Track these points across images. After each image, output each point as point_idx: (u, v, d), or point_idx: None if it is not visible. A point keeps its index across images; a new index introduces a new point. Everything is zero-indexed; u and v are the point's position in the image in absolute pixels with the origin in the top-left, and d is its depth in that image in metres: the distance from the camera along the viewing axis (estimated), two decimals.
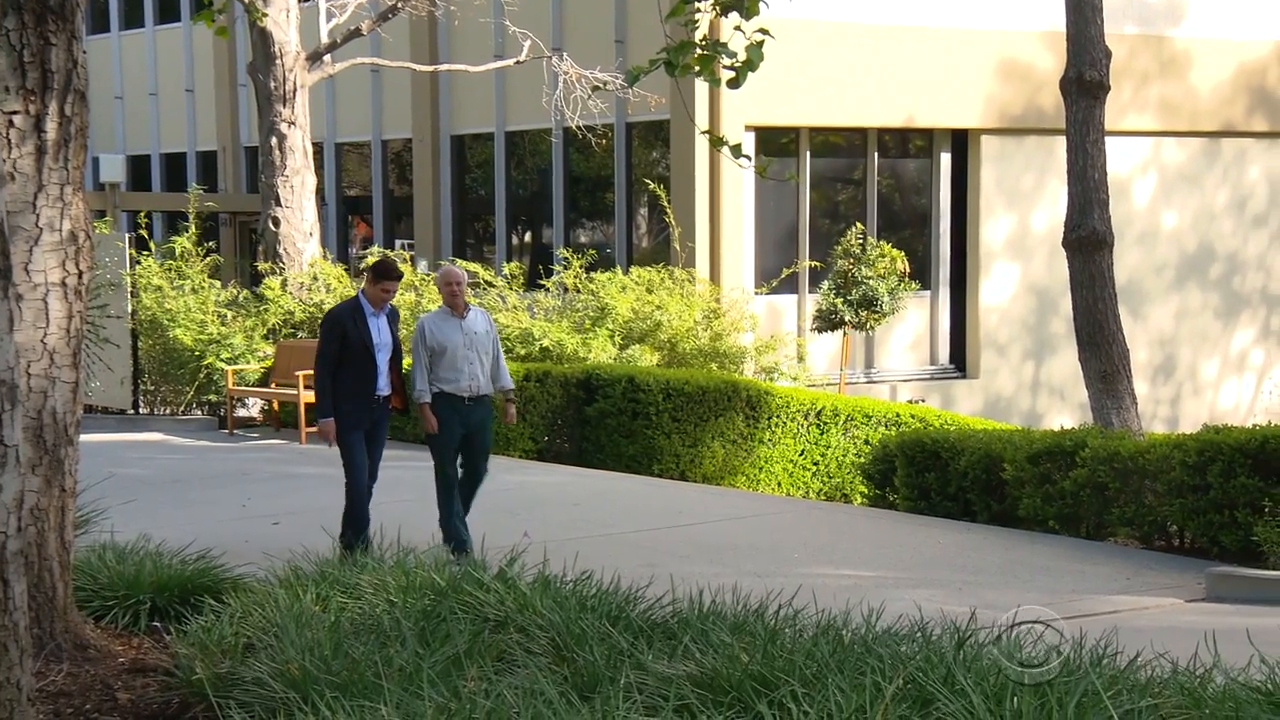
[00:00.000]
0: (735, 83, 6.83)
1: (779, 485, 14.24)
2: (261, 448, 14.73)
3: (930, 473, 11.68)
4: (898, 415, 15.07)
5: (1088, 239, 12.34)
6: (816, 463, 14.52)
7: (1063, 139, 12.83)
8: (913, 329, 20.90)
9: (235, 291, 17.35)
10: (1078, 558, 9.55)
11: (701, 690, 4.27)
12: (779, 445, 14.24)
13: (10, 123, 5.22)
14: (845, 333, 18.33)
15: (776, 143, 19.91)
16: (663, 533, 10.11)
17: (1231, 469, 9.33)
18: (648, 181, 19.42)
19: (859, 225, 18.61)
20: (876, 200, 20.69)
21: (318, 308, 16.80)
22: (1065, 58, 12.71)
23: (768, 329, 18.89)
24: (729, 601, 5.36)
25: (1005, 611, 5.71)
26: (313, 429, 15.05)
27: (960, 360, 21.27)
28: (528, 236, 23.37)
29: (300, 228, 17.77)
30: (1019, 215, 21.09)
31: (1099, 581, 8.81)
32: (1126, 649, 4.57)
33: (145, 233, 17.79)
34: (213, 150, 27.53)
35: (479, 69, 20.02)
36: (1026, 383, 21.37)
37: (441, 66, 21.21)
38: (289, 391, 15.20)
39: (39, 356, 5.35)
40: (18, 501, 3.96)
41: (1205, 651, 4.47)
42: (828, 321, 18.08)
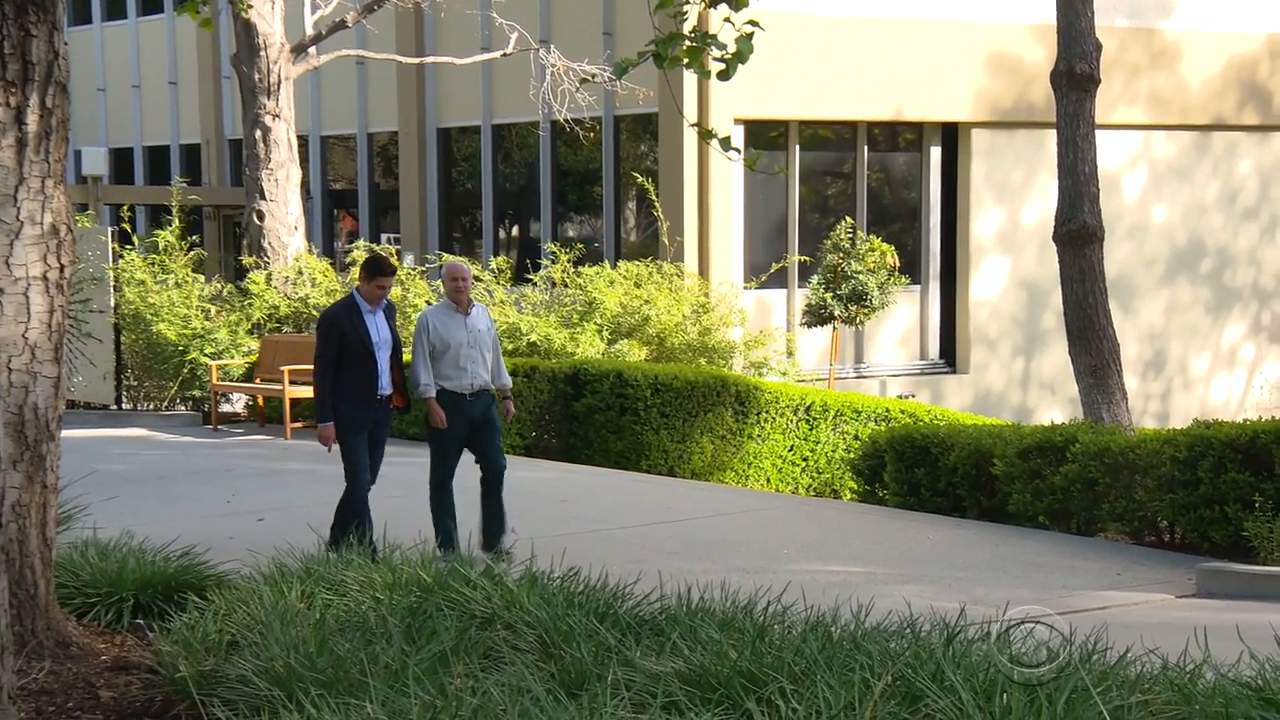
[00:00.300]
0: (724, 75, 6.82)
1: (768, 481, 14.26)
2: (246, 443, 14.70)
3: (920, 468, 11.70)
4: (887, 410, 15.10)
5: (1078, 233, 12.37)
6: (806, 458, 14.53)
7: (1053, 132, 12.86)
8: (902, 324, 20.93)
9: (219, 286, 17.31)
10: (1068, 553, 9.58)
11: (689, 687, 4.27)
12: (768, 441, 14.25)
13: None
14: (835, 327, 18.35)
15: (766, 136, 19.91)
16: (651, 529, 10.11)
17: (1222, 464, 9.36)
18: (636, 175, 19.41)
19: (848, 219, 18.62)
20: (866, 194, 20.71)
21: (303, 302, 16.77)
22: (1056, 51, 12.73)
23: (757, 324, 18.90)
24: (717, 598, 5.37)
25: (995, 608, 5.72)
26: (298, 425, 15.06)
27: (950, 355, 21.31)
28: (515, 230, 23.35)
29: (285, 221, 17.73)
30: (1009, 209, 21.12)
31: (1089, 577, 8.84)
32: (1116, 645, 4.58)
33: (128, 226, 17.74)
34: (196, 143, 27.45)
35: (465, 61, 19.99)
36: (1017, 378, 21.42)
37: (428, 59, 21.17)
38: (273, 387, 15.17)
39: (20, 351, 5.33)
40: None
41: (1195, 647, 4.48)
42: (817, 316, 18.09)
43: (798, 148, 20.22)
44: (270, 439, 14.90)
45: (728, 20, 7.01)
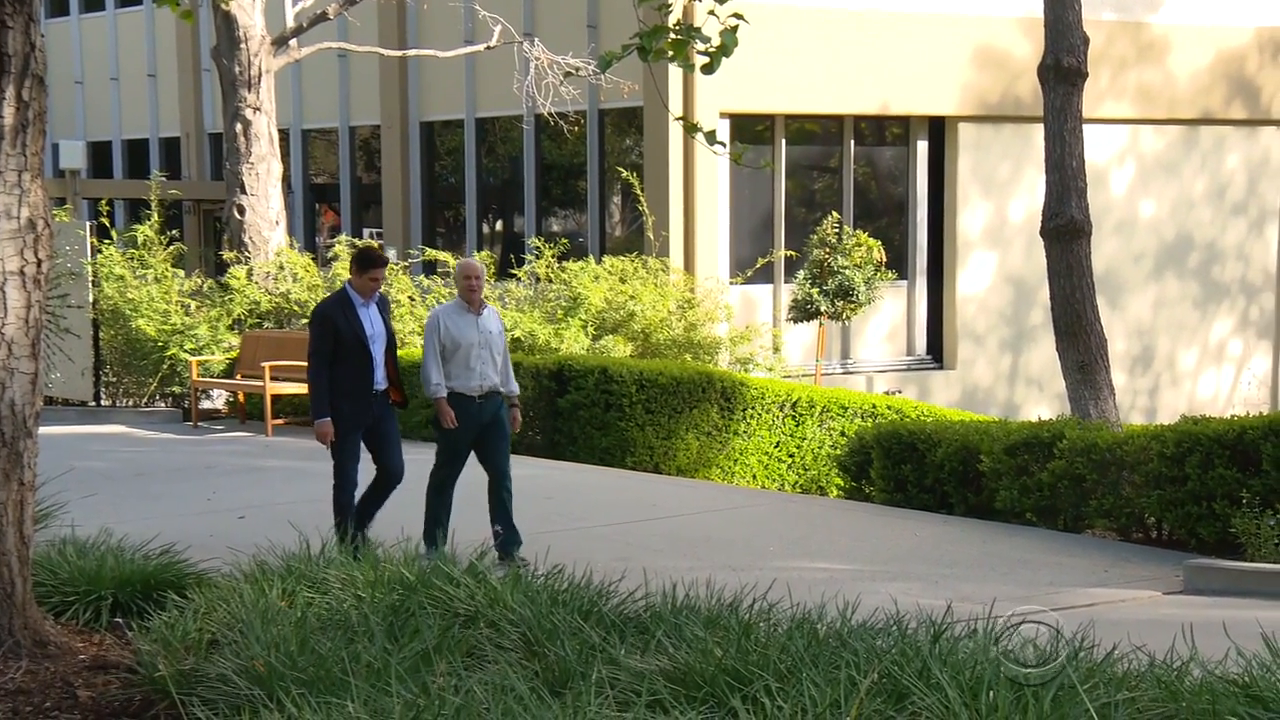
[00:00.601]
0: (709, 68, 6.83)
1: (754, 478, 14.27)
2: (227, 440, 14.67)
3: (906, 465, 11.72)
4: (874, 406, 15.12)
5: (1065, 228, 12.40)
6: (792, 455, 14.55)
7: (1040, 127, 12.88)
8: (889, 319, 20.96)
9: (199, 281, 17.25)
10: (1055, 550, 9.61)
11: (674, 685, 4.28)
12: (754, 437, 14.26)
13: None
14: (821, 323, 18.37)
15: (752, 130, 19.92)
16: (636, 526, 10.11)
17: (1209, 460, 9.40)
18: (621, 169, 19.41)
19: (835, 214, 18.64)
20: (853, 189, 20.73)
21: (284, 298, 16.73)
22: (1043, 44, 12.76)
23: (743, 319, 18.91)
24: (703, 595, 5.37)
25: (982, 605, 5.73)
26: (279, 421, 15.03)
27: (937, 351, 21.35)
28: (499, 225, 23.32)
29: (266, 216, 17.68)
30: (996, 204, 21.17)
31: (1076, 574, 8.87)
32: (1104, 642, 4.60)
33: (107, 221, 17.66)
34: (176, 136, 27.35)
35: (449, 54, 19.95)
36: (1004, 373, 21.47)
37: (410, 51, 21.12)
38: (254, 383, 15.13)
39: None
40: None
41: (1183, 644, 4.50)
42: (803, 312, 18.11)
43: (784, 142, 20.23)
44: (251, 436, 14.86)
45: (712, 13, 7.01)
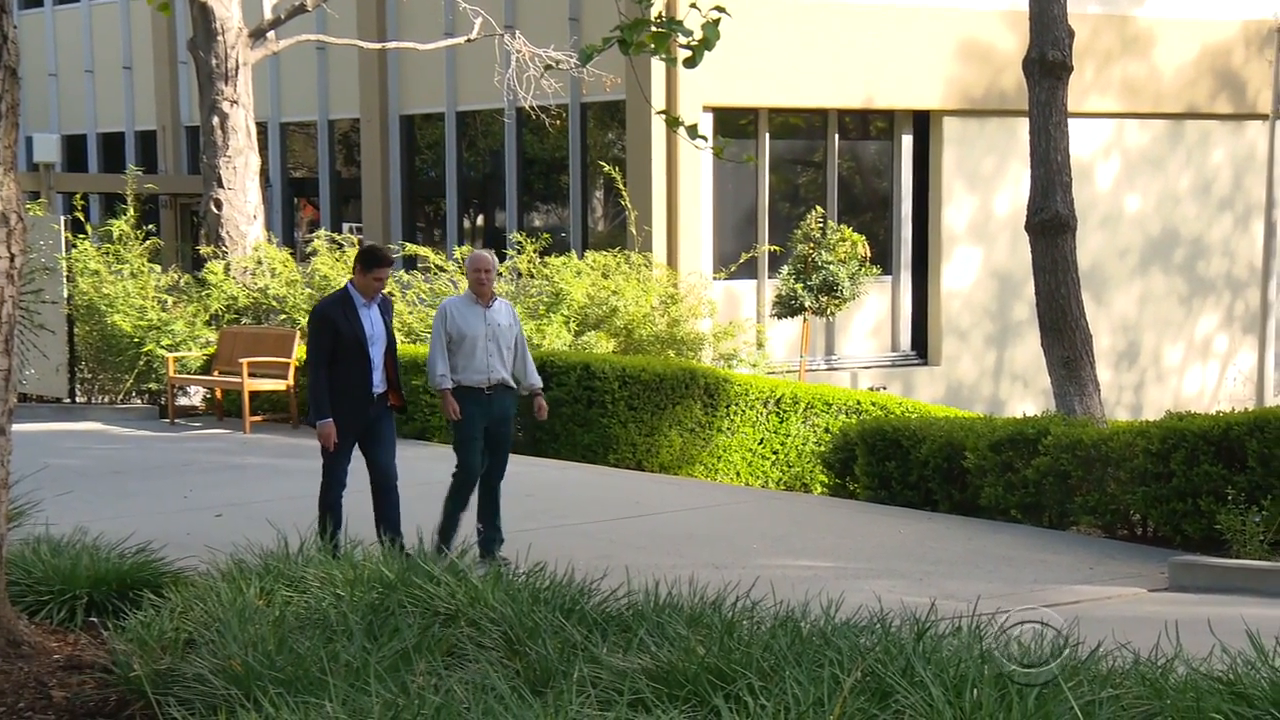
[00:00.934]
0: (691, 62, 6.82)
1: (737, 475, 14.29)
2: (204, 437, 14.62)
3: (891, 461, 11.75)
4: (858, 403, 15.15)
5: (1050, 222, 12.43)
6: (776, 452, 14.57)
7: (1025, 121, 12.92)
8: (874, 315, 21.00)
9: (176, 276, 17.18)
10: (1040, 547, 9.64)
11: (656, 684, 4.28)
12: (737, 434, 14.28)
13: None
14: (805, 319, 18.39)
15: (735, 124, 19.93)
16: (618, 523, 10.12)
17: (1195, 456, 9.44)
18: (603, 164, 19.39)
19: (819, 209, 18.66)
20: (837, 183, 20.76)
21: (262, 293, 16.68)
22: (1028, 38, 12.79)
23: (726, 315, 18.92)
24: (685, 593, 5.37)
25: (966, 602, 5.75)
26: (257, 418, 14.98)
27: (922, 346, 21.40)
28: (480, 220, 23.29)
29: (244, 210, 17.62)
30: (981, 198, 21.22)
31: (1061, 571, 8.90)
32: (1088, 639, 4.61)
33: (81, 215, 17.59)
34: (152, 130, 27.24)
35: (429, 47, 19.90)
36: (989, 369, 21.53)
37: (390, 44, 21.07)
38: (232, 379, 15.09)
39: None
40: None
41: (1167, 642, 4.52)
42: (787, 307, 18.13)
43: (768, 136, 20.25)
44: (229, 433, 14.82)
45: (694, 6, 7.01)
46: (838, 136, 20.76)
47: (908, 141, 21.05)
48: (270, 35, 18.47)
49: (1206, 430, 9.47)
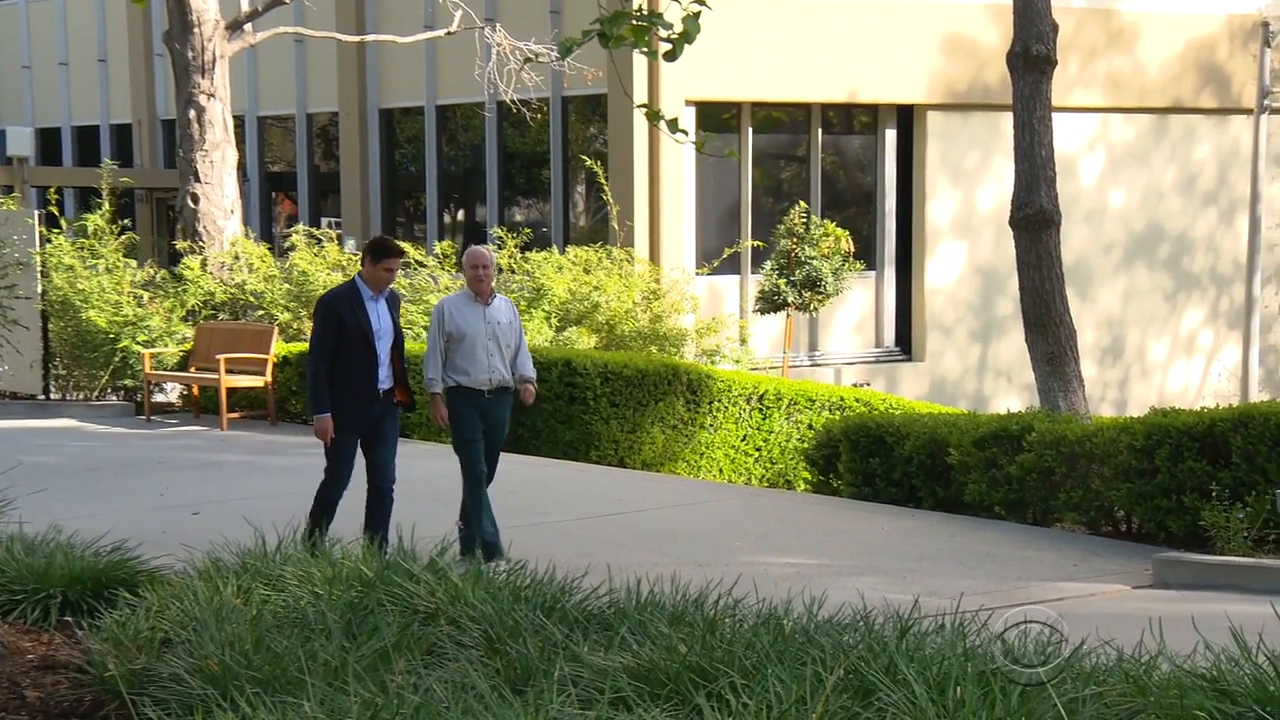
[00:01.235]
0: (671, 55, 6.81)
1: (720, 472, 14.30)
2: (180, 434, 14.58)
3: (875, 458, 11.77)
4: (842, 399, 15.17)
5: (1034, 218, 12.46)
6: (759, 448, 14.58)
7: (1009, 115, 12.95)
8: (857, 310, 21.03)
9: (152, 271, 17.12)
10: (1024, 544, 9.67)
11: (638, 682, 4.28)
12: (720, 430, 14.29)
13: None
14: (788, 314, 18.41)
15: (718, 118, 19.93)
16: (600, 521, 10.12)
17: (1179, 453, 9.48)
18: (585, 158, 19.38)
19: (802, 204, 18.68)
20: (820, 178, 20.78)
21: (239, 288, 16.63)
22: (1012, 31, 12.82)
23: (709, 310, 18.93)
24: (667, 591, 5.38)
25: (950, 599, 5.77)
26: (235, 415, 14.94)
27: (906, 342, 21.44)
28: (460, 214, 23.25)
29: (221, 205, 17.56)
30: (965, 193, 21.27)
31: (1045, 568, 8.93)
32: (1072, 637, 4.63)
33: (56, 209, 17.49)
34: (127, 123, 27.12)
35: (408, 40, 19.86)
36: (973, 365, 21.59)
37: (369, 37, 21.01)
38: (209, 376, 15.04)
39: None
40: None
41: (1151, 639, 4.54)
42: (770, 303, 18.14)
43: (750, 130, 20.25)
44: (206, 430, 14.78)
45: None
46: (821, 131, 20.78)
47: (891, 136, 21.08)
48: (247, 28, 18.40)
49: (1191, 426, 9.51)
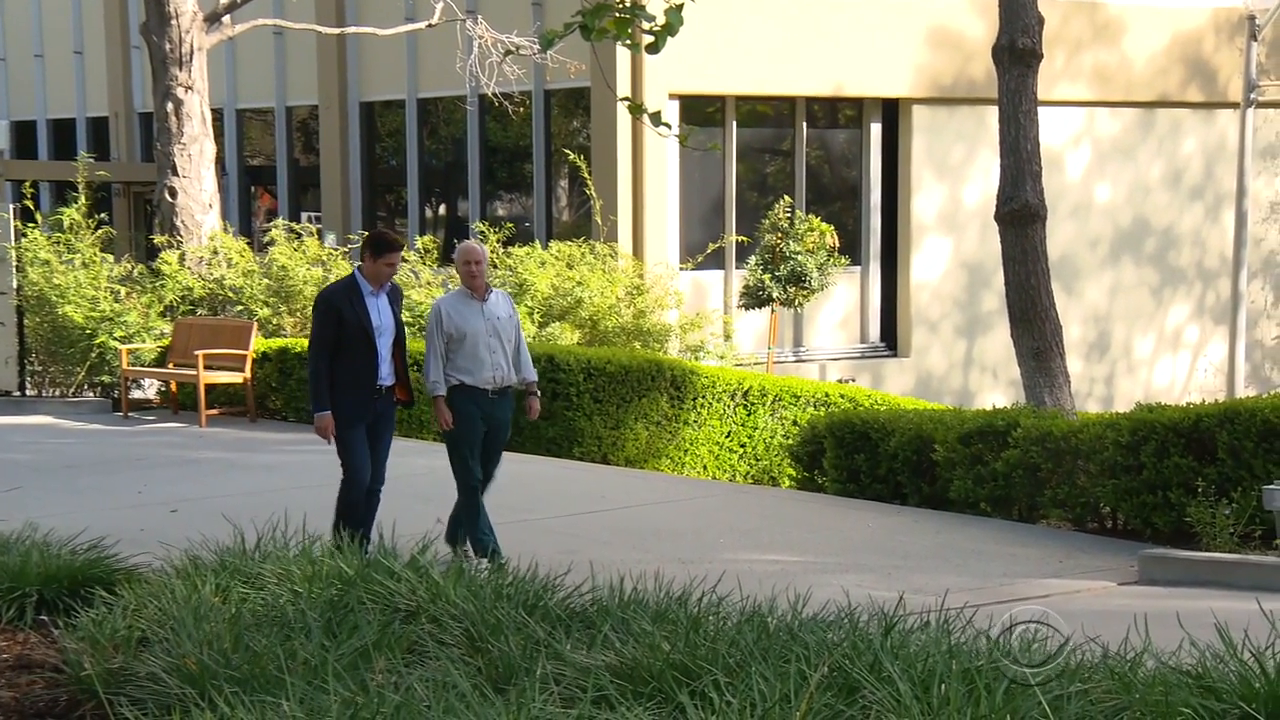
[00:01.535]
0: (654, 48, 6.81)
1: (704, 468, 14.31)
2: (158, 431, 14.53)
3: (860, 454, 11.79)
4: (827, 395, 15.20)
5: (1020, 212, 12.49)
6: (743, 445, 14.60)
7: (995, 109, 12.97)
8: (842, 306, 21.06)
9: (129, 266, 17.05)
10: (1009, 540, 9.70)
11: (621, 681, 4.28)
12: (704, 427, 14.29)
13: None
14: (773, 310, 18.43)
15: (702, 112, 19.93)
16: (583, 518, 10.12)
17: (1165, 449, 9.51)
18: (568, 152, 19.36)
19: (787, 198, 18.69)
20: (805, 172, 20.80)
21: (218, 283, 16.57)
22: (997, 25, 12.84)
23: (693, 306, 18.94)
24: (651, 589, 5.38)
25: (934, 596, 5.78)
26: (213, 412, 14.90)
27: (891, 338, 21.48)
28: (442, 209, 23.21)
29: (199, 199, 17.50)
30: (950, 188, 21.31)
31: (1031, 565, 8.96)
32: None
33: (31, 203, 17.42)
34: (104, 116, 27.01)
35: (389, 32, 19.80)
36: (958, 361, 21.63)
37: (349, 29, 20.96)
38: (187, 372, 14.99)
39: None
40: None
41: (1136, 635, 4.55)
42: (755, 298, 18.16)
43: (735, 124, 20.26)
44: (184, 427, 14.73)
45: None
46: (806, 125, 20.80)
47: (876, 130, 21.10)
48: (226, 19, 18.33)
49: (1177, 422, 9.54)
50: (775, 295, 17.89)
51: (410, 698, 4.11)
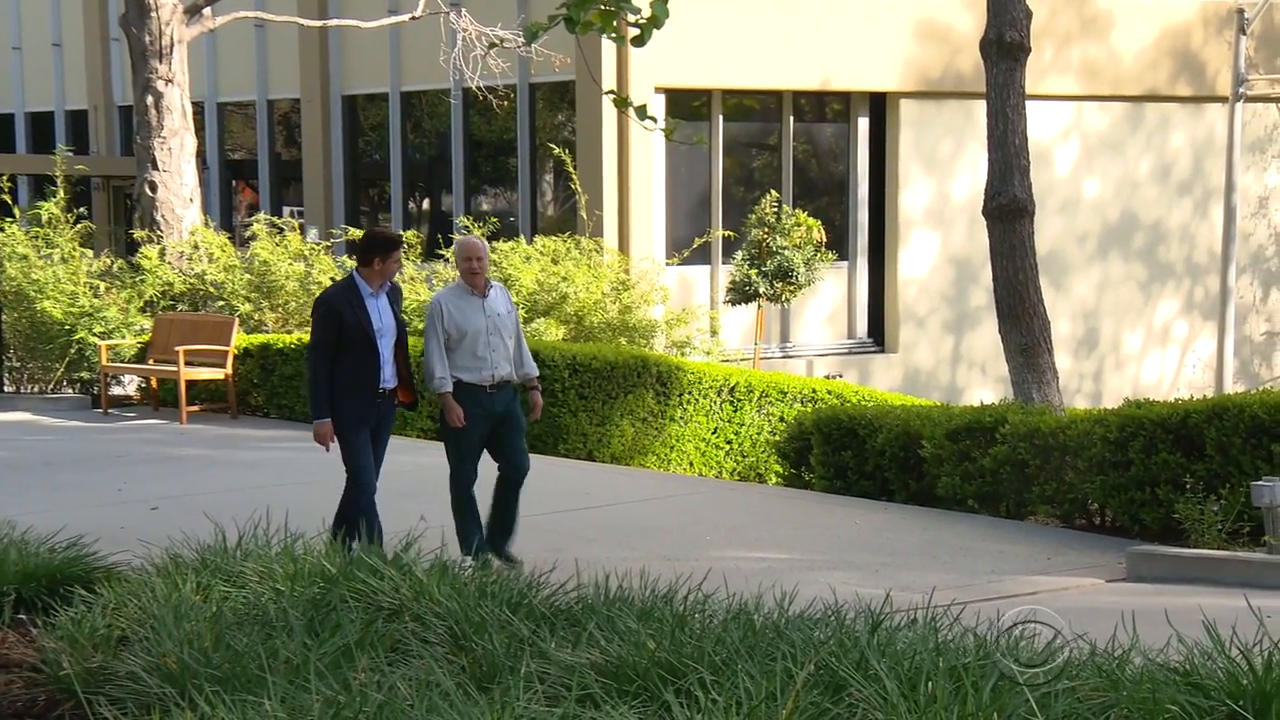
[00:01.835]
0: (640, 40, 6.81)
1: (691, 465, 14.31)
2: (139, 428, 14.49)
3: (847, 451, 11.81)
4: (814, 391, 15.21)
5: (1008, 207, 12.51)
6: (730, 441, 14.61)
7: (983, 103, 13.00)
8: (829, 301, 21.09)
9: (109, 261, 17.00)
10: (997, 537, 9.72)
11: (606, 679, 4.28)
12: (691, 423, 14.30)
13: None
14: (760, 305, 18.44)
15: (688, 105, 19.93)
16: (568, 515, 10.11)
17: (1153, 445, 9.54)
18: (553, 146, 19.35)
19: (774, 193, 18.71)
20: (792, 166, 20.82)
21: (199, 279, 16.53)
22: (985, 18, 12.86)
23: (679, 301, 18.94)
24: (636, 586, 5.38)
25: (922, 594, 5.79)
26: (194, 408, 14.86)
27: (878, 334, 21.51)
28: (426, 203, 23.19)
29: (179, 193, 17.44)
30: (938, 182, 21.34)
31: (1019, 562, 8.98)
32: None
33: (9, 198, 17.34)
34: (83, 109, 26.92)
35: (371, 24, 19.77)
36: (946, 357, 21.68)
37: (331, 21, 20.92)
38: (168, 368, 14.95)
39: None
40: None
41: (1124, 632, 4.56)
42: (742, 293, 18.17)
43: (721, 118, 20.26)
44: (164, 423, 14.69)
45: None
46: (792, 119, 20.81)
47: (864, 124, 21.13)
48: (206, 11, 18.27)
49: (1165, 418, 9.57)
50: (762, 290, 17.90)
51: (393, 697, 4.10)
